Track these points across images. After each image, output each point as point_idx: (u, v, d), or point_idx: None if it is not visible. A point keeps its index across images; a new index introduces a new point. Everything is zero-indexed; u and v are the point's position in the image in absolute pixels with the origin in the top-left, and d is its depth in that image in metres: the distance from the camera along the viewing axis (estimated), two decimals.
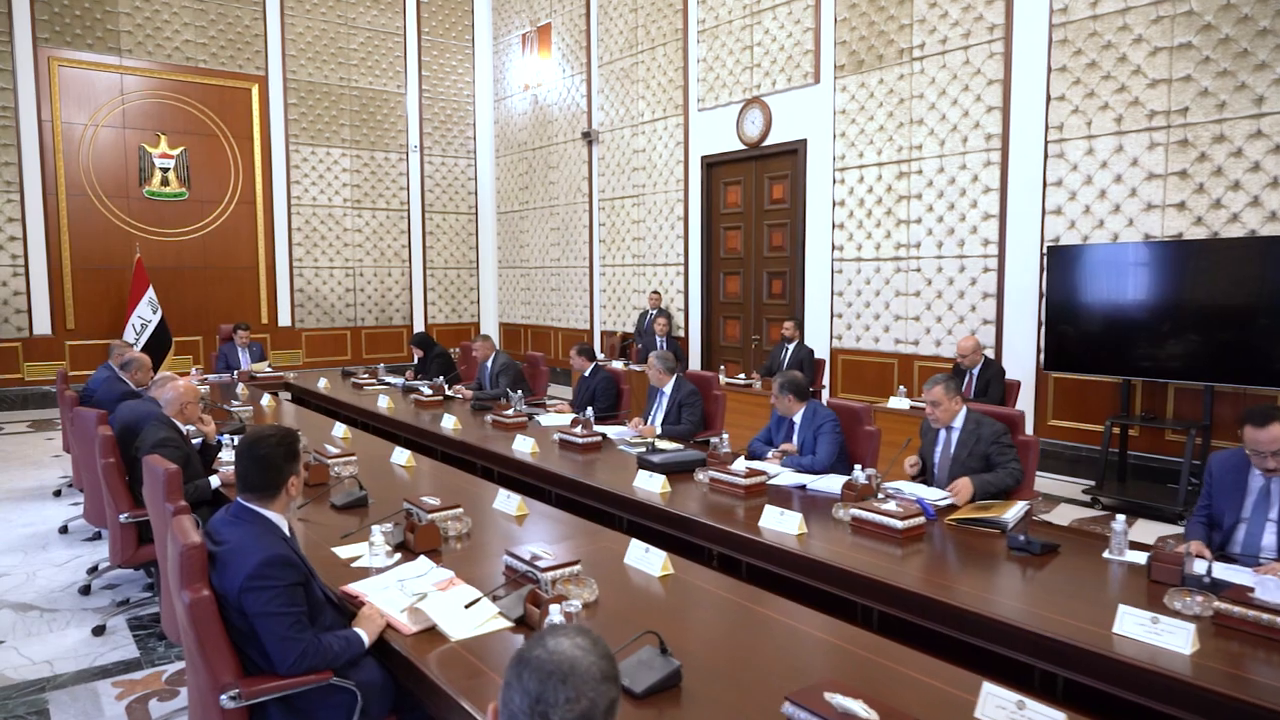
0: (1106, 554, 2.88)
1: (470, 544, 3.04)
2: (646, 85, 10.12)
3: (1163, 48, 5.84)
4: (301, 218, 11.63)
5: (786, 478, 3.89)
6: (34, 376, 9.90)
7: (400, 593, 2.43)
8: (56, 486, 6.28)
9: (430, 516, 3.01)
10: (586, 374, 5.95)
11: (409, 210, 12.52)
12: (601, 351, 10.36)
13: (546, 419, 5.48)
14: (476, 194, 13.13)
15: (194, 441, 3.97)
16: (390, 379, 7.56)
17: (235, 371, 8.00)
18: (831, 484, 3.73)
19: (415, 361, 7.78)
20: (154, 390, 4.38)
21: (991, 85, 6.82)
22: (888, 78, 7.56)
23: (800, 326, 7.66)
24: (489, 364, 6.66)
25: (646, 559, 2.74)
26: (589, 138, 10.98)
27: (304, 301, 11.73)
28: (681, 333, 9.78)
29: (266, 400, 6.30)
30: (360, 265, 12.15)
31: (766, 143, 8.72)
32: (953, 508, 3.42)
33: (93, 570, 4.42)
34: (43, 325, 9.95)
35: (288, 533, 2.29)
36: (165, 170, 10.61)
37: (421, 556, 2.73)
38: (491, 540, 3.10)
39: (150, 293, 9.81)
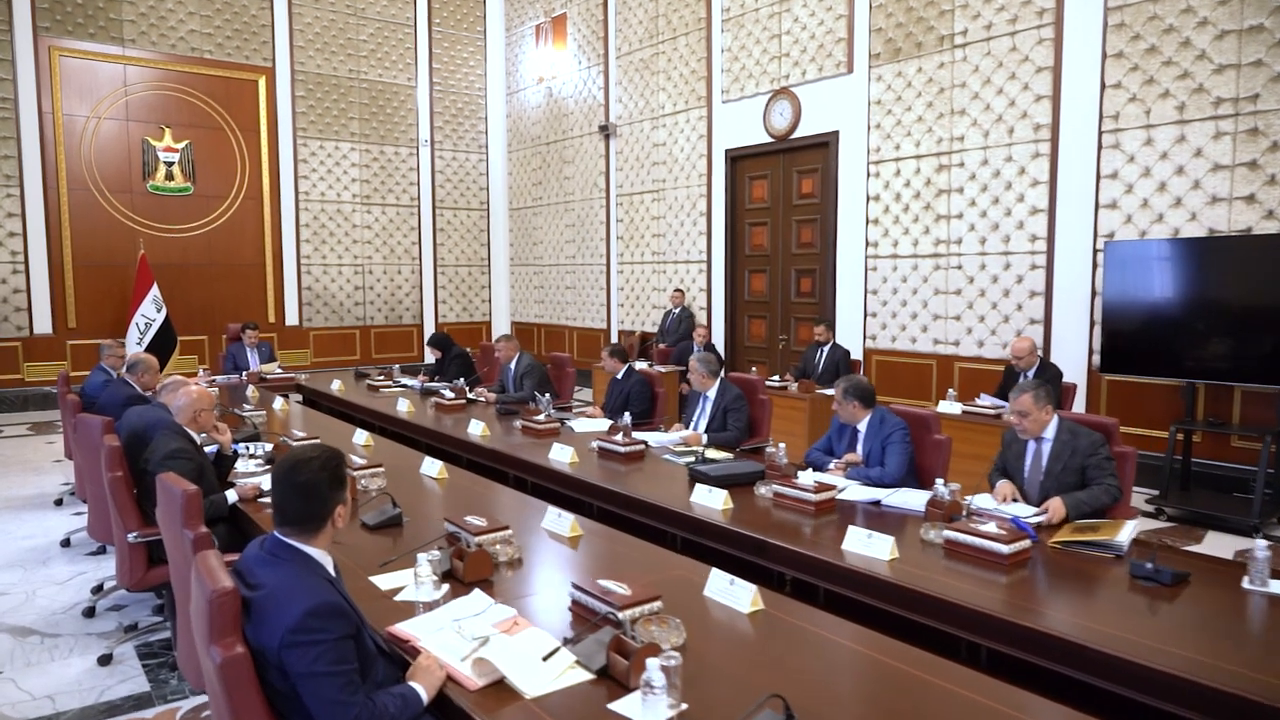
0: (1246, 583, 2.55)
1: (523, 572, 2.71)
2: (667, 76, 9.78)
3: (1230, 30, 5.51)
4: (309, 213, 11.29)
5: (855, 492, 3.56)
6: (34, 377, 9.57)
7: (458, 636, 2.09)
8: (58, 494, 5.95)
9: (478, 540, 2.68)
10: (619, 377, 5.62)
11: (419, 206, 12.18)
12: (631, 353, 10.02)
13: (579, 424, 5.15)
14: (488, 189, 12.80)
15: (208, 450, 3.65)
16: (406, 380, 7.23)
17: (244, 373, 7.67)
18: (909, 499, 3.40)
19: (432, 362, 7.44)
20: (164, 395, 4.05)
21: (1041, 73, 6.49)
22: (927, 66, 7.22)
23: (832, 328, 7.32)
24: (513, 365, 6.33)
25: (732, 593, 2.41)
26: (606, 131, 10.65)
27: (312, 300, 11.40)
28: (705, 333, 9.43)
29: (279, 404, 5.97)
30: (369, 262, 11.81)
31: (795, 135, 8.39)
32: (1049, 528, 3.09)
33: (98, 590, 4.10)
34: (43, 324, 9.62)
35: (332, 572, 1.96)
36: (169, 164, 10.28)
37: (475, 590, 2.40)
38: (545, 567, 2.77)
39: (155, 290, 9.48)
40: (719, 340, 9.38)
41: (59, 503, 5.76)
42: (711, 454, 4.25)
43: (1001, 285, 6.87)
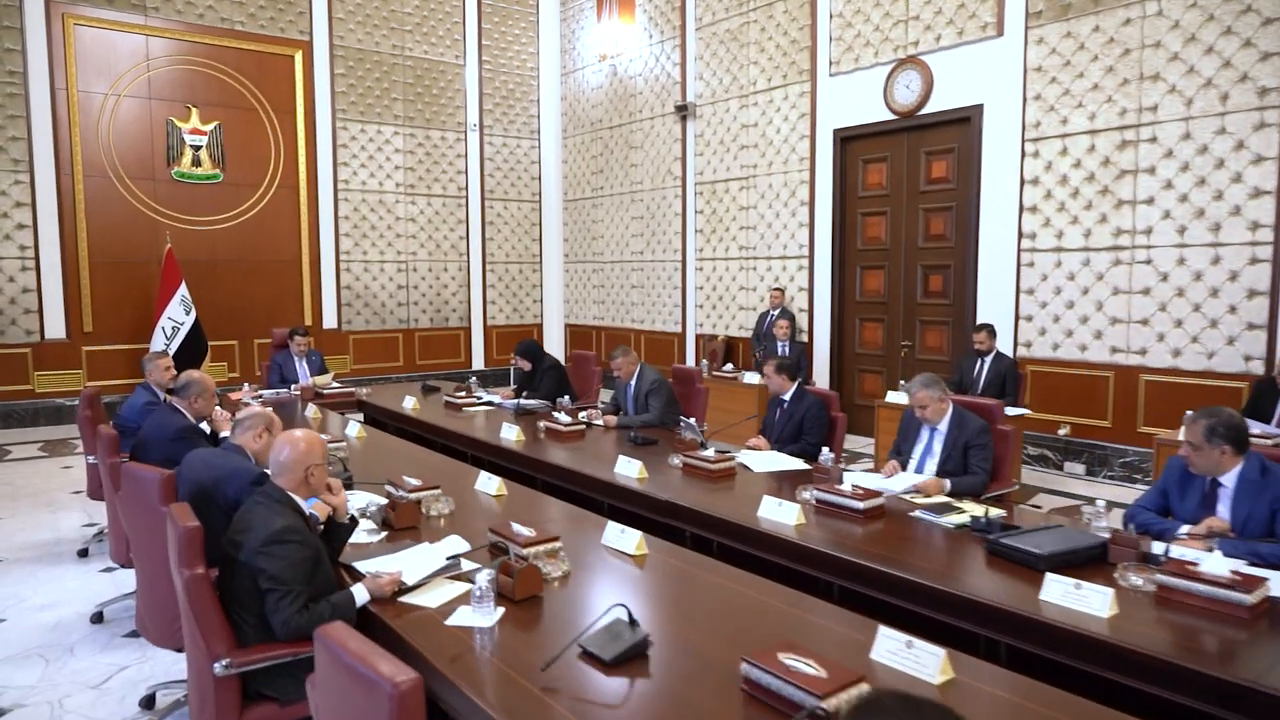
0: None
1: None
2: (760, 48, 8.64)
3: None
4: (349, 204, 10.17)
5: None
6: (45, 388, 8.46)
7: None
8: (81, 540, 4.83)
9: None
10: (786, 398, 4.48)
11: (467, 197, 11.05)
12: (703, 359, 8.90)
13: (753, 460, 4.01)
14: (540, 179, 11.66)
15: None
16: (489, 395, 6.08)
17: (293, 386, 6.55)
18: None
19: (518, 375, 6.31)
20: (241, 434, 2.95)
21: (1269, 26, 5.35)
22: (1106, 24, 6.08)
23: (994, 334, 6.18)
24: (633, 383, 5.19)
25: None
26: (684, 112, 9.51)
27: (351, 300, 10.27)
28: (805, 337, 8.31)
29: (354, 430, 4.83)
30: (414, 259, 10.68)
31: (925, 111, 7.24)
32: None
33: (148, 704, 2.97)
34: (56, 328, 8.50)
35: None
36: (196, 149, 9.16)
37: None
38: None
39: (183, 289, 8.36)
40: (821, 346, 8.25)
41: (83, 554, 4.64)
42: (968, 507, 3.14)
43: (1207, 283, 5.72)
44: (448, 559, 2.50)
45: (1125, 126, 6.04)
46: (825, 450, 3.77)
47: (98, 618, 3.75)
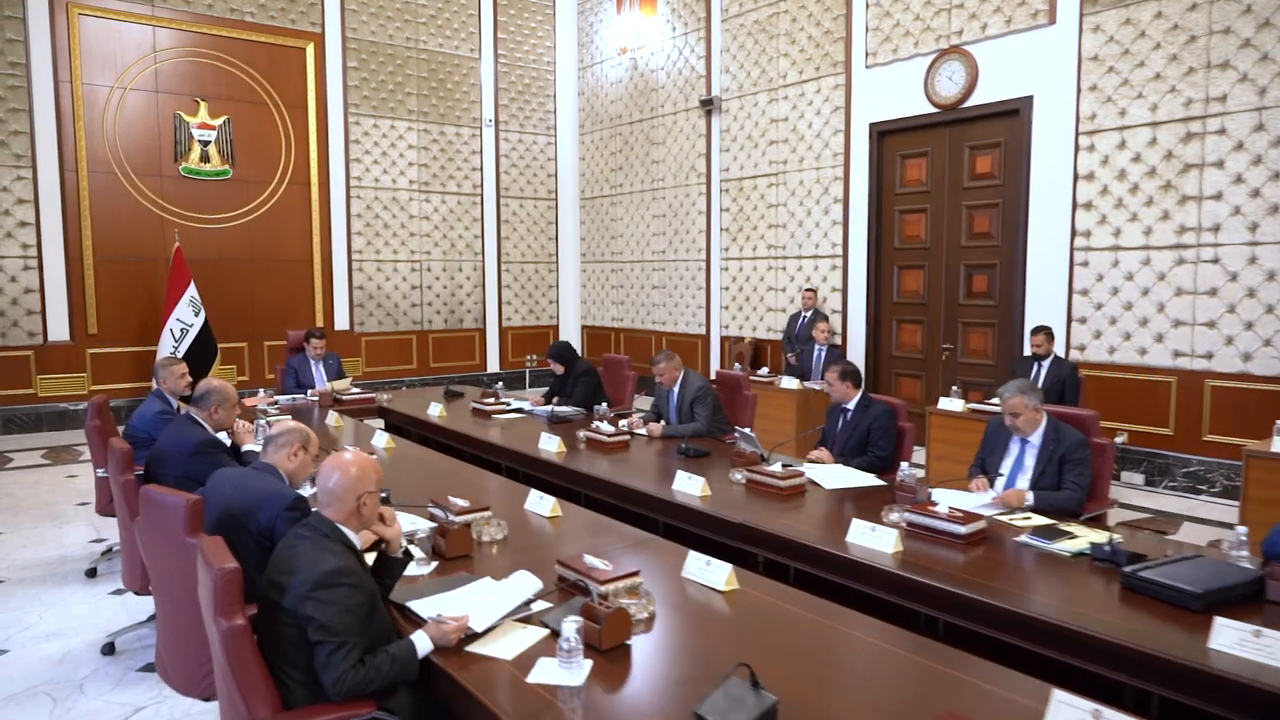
0: None
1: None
2: (791, 40, 8.32)
3: None
4: (362, 202, 9.85)
5: None
6: (48, 392, 8.13)
7: None
8: (89, 559, 4.51)
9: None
10: (850, 406, 4.15)
11: (482, 194, 10.73)
12: (736, 362, 8.58)
13: (820, 474, 3.68)
14: (556, 176, 11.33)
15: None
16: (519, 402, 5.75)
17: (309, 392, 6.22)
18: None
19: (549, 379, 5.99)
20: (274, 453, 2.65)
21: None
22: (1170, 9, 5.76)
23: (1052, 337, 5.85)
24: (676, 390, 4.87)
25: None
26: (709, 107, 9.19)
27: (364, 301, 9.95)
28: (838, 339, 7.98)
29: (383, 441, 4.50)
30: (428, 259, 10.36)
31: (969, 103, 6.92)
32: None
33: None
34: (59, 330, 8.18)
35: None
36: (205, 144, 8.84)
37: None
38: None
39: (191, 289, 8.03)
40: (855, 349, 7.92)
41: (92, 574, 4.31)
42: (1080, 531, 2.81)
43: None
44: (519, 603, 2.17)
45: (1190, 118, 5.72)
46: (905, 465, 3.44)
47: (109, 649, 3.42)
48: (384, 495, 3.15)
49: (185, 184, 8.75)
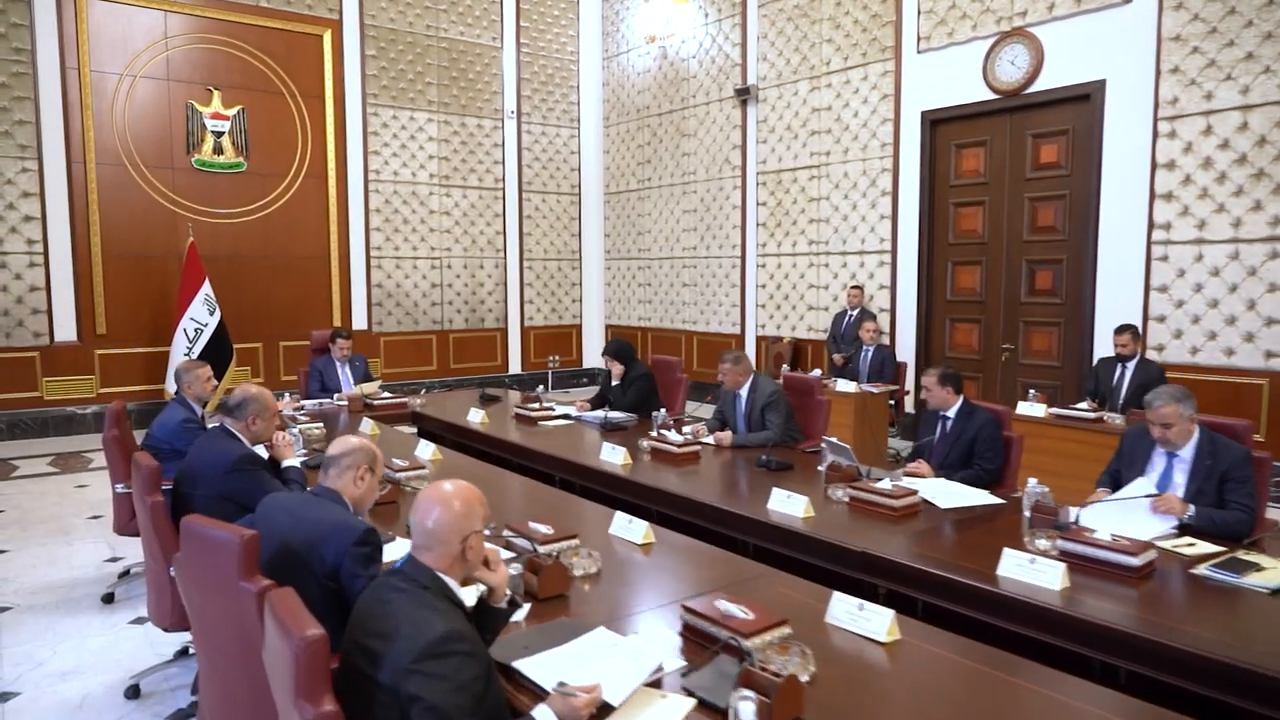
0: None
1: None
2: (835, 24, 7.91)
3: None
4: (380, 196, 9.44)
5: None
6: (55, 395, 7.73)
7: None
8: (106, 582, 4.10)
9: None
10: (950, 414, 3.75)
11: (504, 189, 10.32)
12: (779, 363, 8.17)
13: (930, 490, 3.27)
14: (580, 170, 10.93)
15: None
16: (565, 407, 5.34)
17: (336, 395, 5.82)
18: None
19: (602, 381, 5.58)
20: (337, 477, 2.28)
21: None
22: None
23: (1138, 337, 5.44)
24: (744, 394, 4.46)
25: None
26: (745, 96, 8.78)
27: (382, 299, 9.55)
28: (886, 339, 7.57)
29: (429, 452, 4.09)
30: (448, 255, 9.95)
31: (1032, 89, 6.52)
32: None
33: None
34: (66, 330, 7.78)
35: None
36: (219, 135, 8.43)
37: None
38: None
39: (206, 287, 7.63)
40: (905, 349, 7.51)
41: (108, 599, 3.91)
42: (1268, 563, 2.41)
43: None
44: (655, 664, 1.77)
45: None
46: (1033, 482, 3.03)
47: (133, 692, 3.02)
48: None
49: (198, 177, 8.35)
